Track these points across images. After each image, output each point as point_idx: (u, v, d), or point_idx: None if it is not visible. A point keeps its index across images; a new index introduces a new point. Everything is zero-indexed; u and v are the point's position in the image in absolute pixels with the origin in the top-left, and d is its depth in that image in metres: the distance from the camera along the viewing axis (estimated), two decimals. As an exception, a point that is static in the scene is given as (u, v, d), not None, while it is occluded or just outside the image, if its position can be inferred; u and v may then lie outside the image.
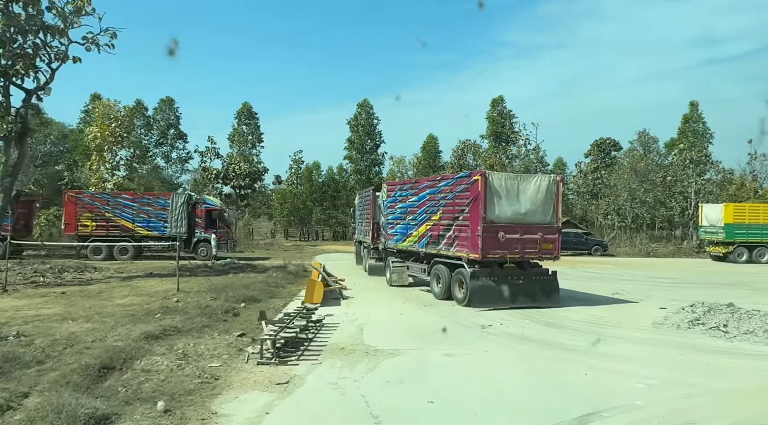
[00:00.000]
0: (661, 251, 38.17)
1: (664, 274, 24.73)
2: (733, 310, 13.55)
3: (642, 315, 13.39)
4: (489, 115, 57.27)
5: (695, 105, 55.76)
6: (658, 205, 42.11)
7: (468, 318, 12.71)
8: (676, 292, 18.13)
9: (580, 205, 46.27)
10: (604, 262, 31.73)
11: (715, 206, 33.04)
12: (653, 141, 48.71)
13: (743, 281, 21.96)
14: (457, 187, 14.53)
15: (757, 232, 31.38)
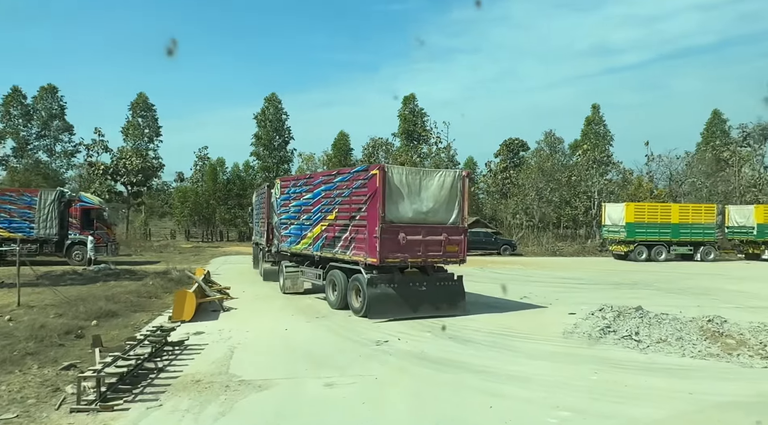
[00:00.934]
0: (566, 250, 38.69)
1: (570, 274, 24.46)
2: (642, 314, 12.86)
3: (551, 323, 12.37)
4: (401, 113, 56.42)
5: (597, 108, 57.72)
6: (563, 204, 42.84)
7: (363, 331, 11.10)
8: (584, 294, 17.53)
9: (489, 205, 46.38)
10: (513, 262, 31.41)
11: (617, 205, 33.71)
12: (559, 141, 49.88)
13: (645, 280, 21.95)
14: (354, 182, 12.90)
15: (655, 231, 32.23)
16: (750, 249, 34.27)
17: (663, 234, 32.37)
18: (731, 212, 35.13)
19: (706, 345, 10.14)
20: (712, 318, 12.45)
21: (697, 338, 10.68)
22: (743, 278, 23.73)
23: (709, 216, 33.11)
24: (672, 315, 12.89)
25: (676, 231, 32.45)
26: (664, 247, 32.33)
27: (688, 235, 32.61)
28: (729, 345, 10.24)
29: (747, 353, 9.72)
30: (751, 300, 16.60)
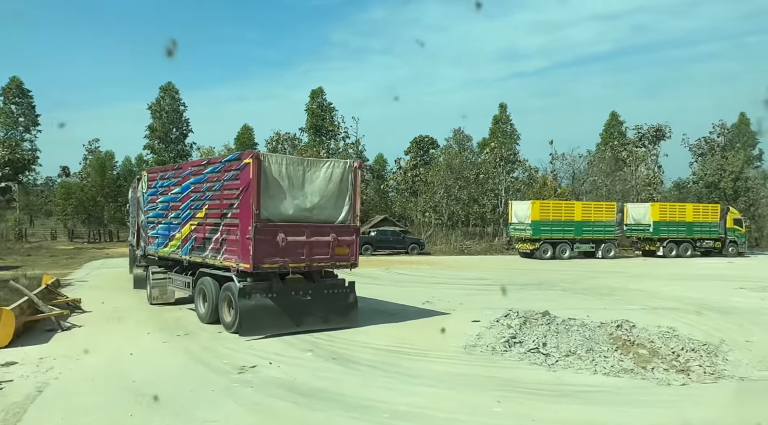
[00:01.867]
0: (474, 248, 38.31)
1: (477, 275, 23.56)
2: (549, 320, 11.78)
3: (453, 333, 10.98)
4: (308, 107, 54.21)
5: (504, 107, 58.46)
6: (472, 202, 42.57)
7: (229, 354, 9.15)
8: (490, 297, 16.45)
9: (399, 202, 45.34)
10: (420, 261, 30.32)
11: (523, 203, 33.55)
12: (467, 139, 49.78)
13: (551, 280, 21.38)
14: (226, 173, 10.88)
15: (559, 229, 32.32)
16: (647, 246, 35.32)
17: (567, 232, 32.53)
18: (629, 210, 36.07)
19: (618, 358, 9.07)
20: (620, 323, 11.57)
21: (607, 348, 9.63)
22: (643, 276, 23.85)
23: (609, 214, 33.71)
24: (580, 320, 11.92)
25: (579, 229, 32.73)
26: (568, 245, 32.50)
27: (590, 233, 33.00)
28: (641, 357, 9.24)
29: (661, 365, 8.73)
30: (652, 299, 16.18)
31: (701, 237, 35.37)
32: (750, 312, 13.96)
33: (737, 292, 17.98)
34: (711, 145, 49.71)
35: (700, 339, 10.34)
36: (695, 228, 35.16)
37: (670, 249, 34.46)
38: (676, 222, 34.73)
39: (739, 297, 16.96)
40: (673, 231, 34.63)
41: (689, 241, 35.02)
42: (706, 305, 15.09)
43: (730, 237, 36.02)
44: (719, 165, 45.63)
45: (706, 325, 12.10)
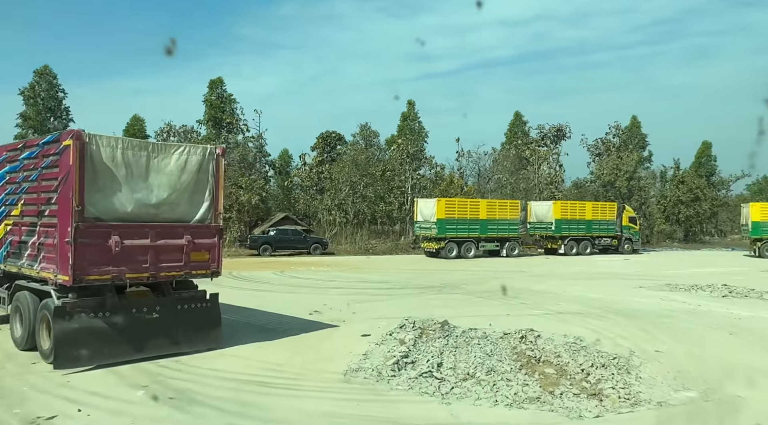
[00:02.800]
0: (380, 248, 36.99)
1: (378, 277, 22.06)
2: (447, 332, 10.42)
3: (336, 353, 9.27)
4: (207, 98, 50.59)
5: (412, 104, 57.61)
6: (378, 199, 41.24)
7: (32, 395, 6.91)
8: (388, 303, 14.95)
9: (303, 200, 43.16)
10: (322, 263, 28.45)
11: (428, 201, 32.58)
12: (374, 135, 48.43)
13: (455, 282, 20.27)
14: (44, 159, 8.51)
15: (464, 227, 31.63)
16: (549, 244, 35.53)
17: (472, 231, 31.89)
18: (533, 208, 36.16)
19: (523, 381, 7.72)
20: (524, 333, 10.37)
21: (510, 368, 8.29)
22: (546, 275, 23.40)
23: (514, 213, 33.49)
24: (481, 331, 10.67)
25: (484, 227, 32.20)
26: (473, 244, 31.88)
27: (495, 231, 32.59)
28: (548, 379, 7.97)
29: (571, 390, 7.46)
30: (557, 302, 15.34)
31: (600, 235, 36.11)
32: (653, 315, 13.33)
33: (637, 292, 17.64)
34: (607, 145, 51.54)
35: (609, 352, 9.30)
36: (594, 226, 35.83)
37: (571, 247, 34.84)
38: (577, 220, 35.19)
39: (639, 297, 16.54)
40: (574, 229, 35.05)
41: (589, 239, 35.62)
42: (610, 307, 14.40)
43: (626, 235, 37.07)
44: (615, 164, 47.29)
45: (613, 332, 11.18)
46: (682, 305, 14.91)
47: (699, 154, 63.63)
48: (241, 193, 36.81)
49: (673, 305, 14.90)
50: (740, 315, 13.34)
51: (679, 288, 18.41)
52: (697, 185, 50.46)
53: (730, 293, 17.12)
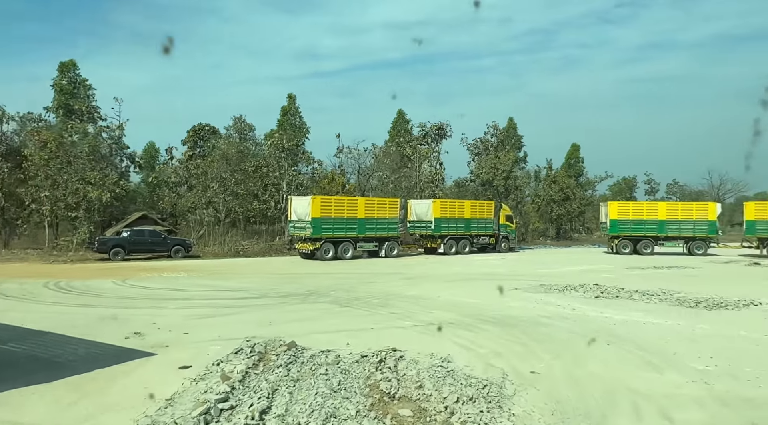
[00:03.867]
0: (252, 249, 34.23)
1: (238, 284, 19.61)
2: (292, 358, 8.62)
3: (129, 401, 6.92)
4: (56, 83, 44.67)
5: (293, 98, 55.06)
6: (251, 197, 38.32)
7: None
8: (236, 317, 12.68)
9: (168, 197, 39.08)
10: (179, 268, 25.31)
11: (303, 199, 30.42)
12: (250, 128, 45.25)
13: (323, 288, 18.34)
14: None
15: (341, 227, 29.88)
16: (429, 243, 34.75)
17: (350, 231, 30.22)
18: (413, 206, 35.23)
19: (371, 432, 5.91)
20: (384, 356, 8.73)
21: (357, 411, 6.46)
22: (422, 277, 22.21)
23: (393, 211, 32.27)
24: (335, 354, 8.90)
25: (362, 226, 30.66)
26: (351, 244, 30.21)
27: (374, 231, 31.17)
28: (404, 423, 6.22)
29: (430, 441, 5.76)
30: (429, 310, 13.92)
31: (478, 234, 35.98)
32: (528, 323, 12.23)
33: (512, 295, 16.74)
34: (486, 144, 52.32)
35: (479, 377, 7.79)
36: (473, 224, 35.63)
37: (450, 246, 34.32)
38: (456, 219, 34.76)
39: (515, 300, 15.60)
40: (453, 228, 34.59)
41: (468, 238, 35.34)
42: (484, 314, 13.19)
43: (503, 233, 37.32)
44: (492, 164, 47.96)
45: (486, 347, 9.79)
46: (557, 309, 14.06)
47: (569, 156, 67.00)
48: (89, 190, 32.34)
49: (549, 309, 14.01)
50: (614, 320, 12.61)
51: (554, 289, 17.83)
52: (567, 185, 52.67)
53: (602, 294, 16.72)
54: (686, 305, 14.80)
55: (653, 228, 35.25)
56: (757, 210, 34.27)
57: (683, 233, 35.18)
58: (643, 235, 35.26)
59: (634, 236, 35.35)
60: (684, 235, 35.21)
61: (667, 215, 35.51)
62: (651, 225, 35.25)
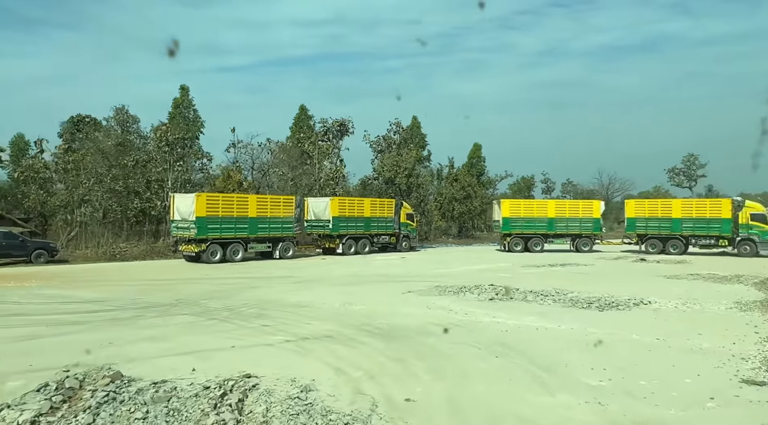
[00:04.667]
0: (131, 252, 31.01)
1: (96, 293, 17.04)
2: (111, 396, 6.93)
3: None
4: None
5: (186, 89, 51.45)
6: (133, 195, 34.89)
7: None
8: (66, 339, 10.50)
9: (35, 195, 34.71)
10: (36, 275, 22.03)
11: (186, 197, 27.82)
12: (134, 120, 41.40)
13: (196, 295, 16.27)
14: None
15: (230, 227, 27.64)
16: (327, 244, 33.16)
17: (240, 231, 28.02)
18: (310, 205, 33.48)
19: None
20: (232, 386, 7.17)
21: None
22: (312, 281, 20.61)
23: (288, 210, 30.38)
24: (172, 383, 7.26)
25: (254, 226, 28.54)
26: (241, 245, 28.03)
27: (266, 231, 29.15)
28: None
29: None
30: (308, 321, 12.38)
31: (378, 233, 34.90)
32: (415, 333, 11.03)
33: (405, 299, 15.59)
34: (389, 142, 51.53)
35: (342, 411, 6.39)
36: (373, 223, 34.47)
37: (350, 245, 32.95)
38: (355, 218, 33.44)
39: (406, 305, 14.42)
40: (352, 227, 33.24)
41: (367, 237, 34.14)
42: (369, 324, 11.85)
43: (404, 232, 36.50)
44: (395, 161, 47.18)
45: (361, 368, 8.40)
46: (448, 315, 13.00)
47: (471, 155, 67.89)
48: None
49: (440, 315, 12.92)
50: (506, 325, 11.71)
51: (449, 291, 16.86)
52: (468, 183, 53.02)
53: (496, 295, 15.94)
54: (579, 306, 14.30)
55: (543, 226, 35.75)
56: (637, 208, 35.71)
57: (571, 230, 35.96)
58: (534, 233, 35.67)
59: (525, 234, 35.66)
60: (571, 233, 36.00)
61: (555, 213, 36.16)
62: (541, 223, 35.74)
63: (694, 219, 33.41)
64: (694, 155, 78.29)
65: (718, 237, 32.77)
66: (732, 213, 32.50)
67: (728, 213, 32.60)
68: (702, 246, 33.31)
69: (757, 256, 31.45)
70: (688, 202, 36.88)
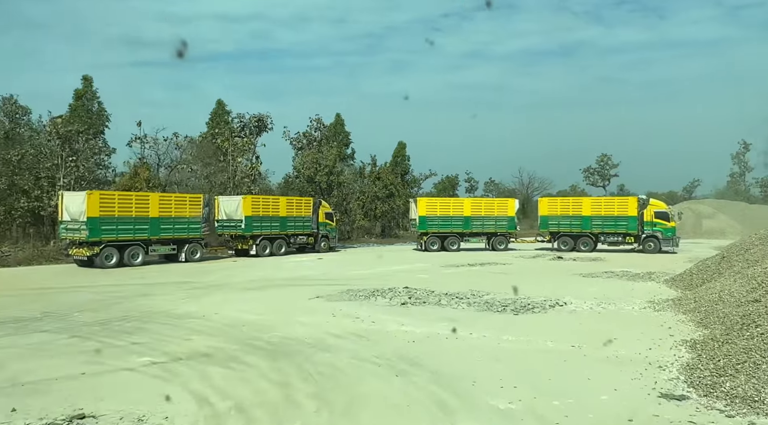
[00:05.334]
0: (15, 257, 27.72)
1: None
2: None
3: None
4: None
5: (89, 80, 47.52)
6: (20, 194, 31.39)
7: None
8: None
9: None
10: None
11: (76, 195, 25.07)
12: (24, 111, 37.46)
13: (67, 308, 14.17)
14: None
15: (129, 228, 25.19)
16: (239, 245, 31.13)
17: (140, 232, 25.60)
18: (221, 204, 31.32)
19: None
20: None
21: None
22: (214, 287, 18.85)
23: (195, 209, 28.18)
24: None
25: (156, 227, 26.18)
26: (141, 248, 25.63)
27: (170, 232, 26.83)
28: None
29: None
30: (190, 335, 10.80)
31: (295, 233, 33.20)
32: (310, 346, 9.73)
33: (309, 306, 14.25)
34: (309, 139, 49.85)
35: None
36: (289, 223, 32.70)
37: (264, 247, 31.07)
38: (270, 217, 31.56)
39: (309, 313, 13.07)
40: (267, 227, 31.35)
41: (283, 237, 32.36)
42: (260, 337, 10.43)
43: (323, 232, 34.98)
44: (314, 159, 45.57)
45: (232, 396, 7.01)
46: (354, 323, 11.78)
47: (395, 154, 67.24)
48: None
49: (344, 324, 11.68)
50: (415, 335, 10.62)
51: (359, 295, 15.67)
52: (391, 181, 52.20)
53: (409, 299, 14.91)
54: (494, 309, 13.49)
55: (459, 225, 35.28)
56: (550, 206, 36.04)
57: (486, 229, 35.71)
58: (450, 232, 35.15)
59: (441, 233, 35.10)
60: (487, 231, 35.78)
61: (471, 212, 35.77)
62: (457, 222, 35.25)
63: (603, 217, 34.01)
64: (607, 155, 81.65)
65: (625, 235, 33.52)
66: (638, 212, 33.33)
67: (634, 211, 33.40)
68: (610, 243, 33.96)
69: (660, 253, 32.40)
70: (598, 201, 37.42)
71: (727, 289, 12.97)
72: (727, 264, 16.38)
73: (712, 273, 16.52)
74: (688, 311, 12.79)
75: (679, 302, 13.99)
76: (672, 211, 34.59)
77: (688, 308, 13.02)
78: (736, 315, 10.50)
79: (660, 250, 32.59)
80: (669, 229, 32.97)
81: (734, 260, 16.23)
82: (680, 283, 17.51)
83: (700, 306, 12.74)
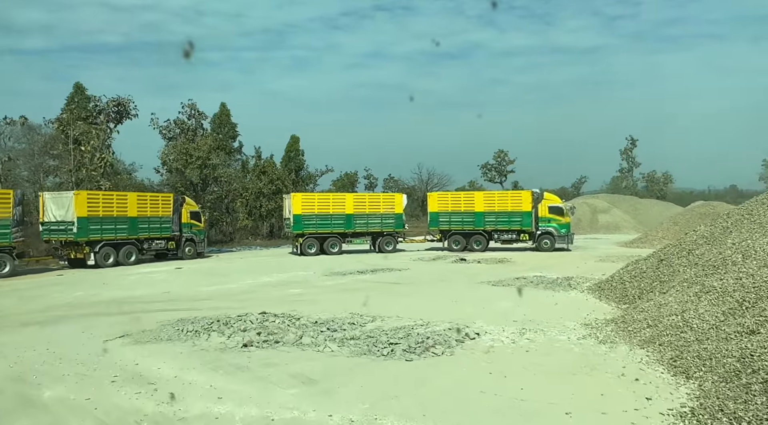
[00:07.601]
0: None
1: None
2: None
3: None
4: None
5: None
6: None
7: None
8: None
9: None
10: None
11: None
12: None
13: None
14: None
15: None
16: (72, 253, 24.65)
17: None
18: (46, 202, 24.68)
19: None
20: None
21: None
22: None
23: (4, 210, 21.59)
24: None
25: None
26: None
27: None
28: None
29: None
30: None
31: (150, 237, 27.11)
32: None
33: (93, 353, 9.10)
34: (183, 128, 43.29)
35: None
36: (141, 225, 26.58)
37: (106, 255, 24.82)
38: (114, 218, 25.32)
39: (73, 365, 7.97)
40: (110, 230, 25.08)
41: (134, 243, 26.20)
42: None
43: (187, 235, 29.14)
44: (184, 149, 39.23)
45: None
46: (132, 401, 6.87)
47: (288, 148, 61.78)
48: None
49: (122, 399, 6.74)
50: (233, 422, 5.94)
51: (190, 329, 10.74)
52: (278, 176, 46.88)
53: (258, 336, 10.18)
54: (378, 351, 9.11)
55: (341, 224, 30.64)
56: (440, 201, 32.55)
57: (371, 228, 31.38)
58: (330, 232, 30.58)
59: (320, 233, 30.48)
60: (372, 230, 31.58)
61: (354, 209, 31.24)
62: (338, 221, 30.63)
63: (496, 212, 30.94)
64: (504, 151, 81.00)
65: (519, 232, 30.74)
66: (532, 206, 30.70)
67: (529, 206, 30.69)
68: (504, 241, 31.09)
69: (555, 250, 30.00)
70: (491, 195, 34.08)
71: (691, 308, 9.46)
72: (669, 269, 13.13)
73: (651, 280, 13.21)
74: (645, 342, 9.11)
75: (625, 326, 10.32)
76: (566, 205, 32.21)
77: (643, 338, 9.35)
78: (729, 356, 6.96)
79: (554, 248, 30.16)
80: (564, 225, 30.54)
81: (677, 264, 12.99)
82: (611, 294, 14.12)
83: (660, 335, 9.10)
